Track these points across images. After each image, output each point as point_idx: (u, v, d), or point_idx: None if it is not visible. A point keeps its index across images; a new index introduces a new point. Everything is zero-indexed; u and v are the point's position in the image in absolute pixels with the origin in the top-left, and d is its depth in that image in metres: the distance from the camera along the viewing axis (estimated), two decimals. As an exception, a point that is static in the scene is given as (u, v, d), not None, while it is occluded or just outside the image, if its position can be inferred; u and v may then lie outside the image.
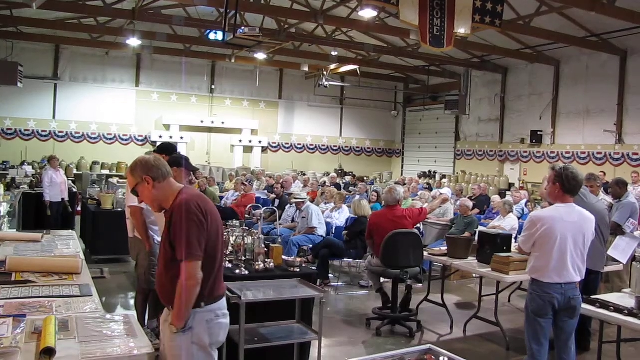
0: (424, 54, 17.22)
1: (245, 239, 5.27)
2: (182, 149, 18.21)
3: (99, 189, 11.83)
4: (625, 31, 13.70)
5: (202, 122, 20.65)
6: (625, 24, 12.98)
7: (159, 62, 20.23)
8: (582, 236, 4.28)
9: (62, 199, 11.55)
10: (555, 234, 4.21)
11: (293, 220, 10.39)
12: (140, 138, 20.00)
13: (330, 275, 9.08)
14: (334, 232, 9.64)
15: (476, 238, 7.24)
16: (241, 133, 21.44)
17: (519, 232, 8.31)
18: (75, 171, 18.02)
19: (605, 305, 4.66)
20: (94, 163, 18.44)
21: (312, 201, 10.97)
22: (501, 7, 10.41)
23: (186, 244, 3.02)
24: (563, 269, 4.22)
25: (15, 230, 8.73)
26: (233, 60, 19.24)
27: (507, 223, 9.65)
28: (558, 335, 4.36)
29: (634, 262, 6.19)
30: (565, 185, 4.30)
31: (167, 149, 5.81)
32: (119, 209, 9.42)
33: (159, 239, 5.23)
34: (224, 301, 3.28)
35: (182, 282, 3.04)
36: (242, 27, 10.47)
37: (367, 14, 12.54)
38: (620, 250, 6.70)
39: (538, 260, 4.31)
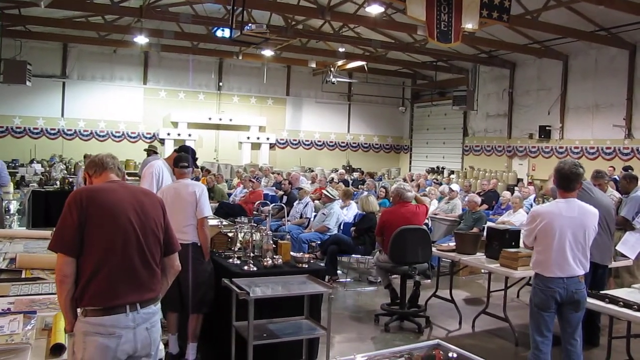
0: (432, 50, 17.18)
1: (254, 235, 5.28)
2: (190, 146, 18.22)
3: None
4: (635, 25, 13.61)
5: (210, 119, 20.71)
6: (635, 18, 12.90)
7: (167, 59, 20.28)
8: (583, 231, 4.30)
9: None
10: (554, 229, 4.25)
11: (301, 217, 10.40)
12: (148, 135, 20.08)
13: (338, 272, 9.08)
14: (342, 228, 9.64)
15: (484, 233, 7.22)
16: (249, 130, 21.48)
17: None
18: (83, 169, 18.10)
19: (614, 300, 4.65)
20: (103, 161, 18.48)
21: (319, 199, 10.98)
22: (509, 1, 10.36)
23: (54, 234, 2.84)
24: (564, 263, 4.26)
25: (24, 228, 8.80)
26: (240, 57, 19.26)
27: (516, 218, 9.60)
28: (564, 328, 4.40)
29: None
30: (555, 181, 4.38)
31: (184, 150, 5.88)
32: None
33: None
34: (114, 318, 2.78)
35: None
36: (249, 24, 10.44)
37: (374, 9, 12.51)
38: (629, 245, 6.66)
39: (540, 254, 4.38)
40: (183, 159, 5.29)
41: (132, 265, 2.88)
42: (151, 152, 10.60)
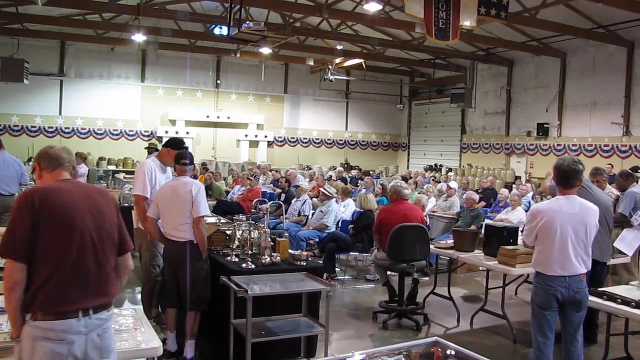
0: (430, 47, 17.17)
1: (252, 233, 5.28)
2: (188, 144, 18.22)
3: (105, 185, 11.89)
4: (633, 22, 13.62)
5: (207, 117, 20.68)
6: (633, 15, 12.91)
7: (164, 57, 20.25)
8: (584, 227, 4.27)
9: None
10: (555, 226, 4.22)
11: (299, 214, 10.40)
12: (146, 133, 20.05)
13: (336, 269, 9.09)
14: (340, 225, 9.64)
15: (482, 231, 7.23)
16: (247, 128, 21.46)
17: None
18: (81, 167, 18.07)
19: (612, 297, 4.65)
20: (100, 159, 18.49)
21: (317, 197, 10.98)
22: (507, -1, 10.38)
23: (3, 238, 2.67)
24: (566, 261, 4.22)
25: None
26: (238, 55, 19.22)
27: (514, 216, 9.62)
28: (565, 327, 4.37)
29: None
30: (555, 178, 4.38)
31: (175, 144, 5.84)
32: (126, 204, 9.44)
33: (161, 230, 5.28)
34: (66, 323, 2.66)
35: None
36: (247, 22, 10.44)
37: (372, 7, 12.50)
38: (626, 242, 6.67)
39: (540, 253, 4.33)
40: (184, 155, 5.25)
41: (86, 270, 2.75)
42: (152, 149, 10.60)
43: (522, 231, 7.19)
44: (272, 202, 11.00)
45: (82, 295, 2.71)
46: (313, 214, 10.12)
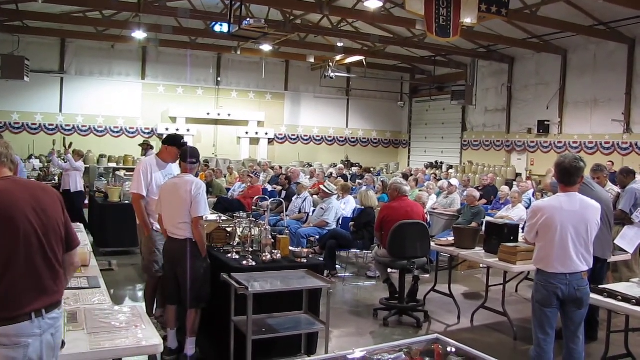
0: (430, 44, 17.14)
1: (252, 230, 5.28)
2: (188, 142, 18.22)
3: (106, 182, 11.88)
4: (634, 19, 13.59)
5: (208, 114, 20.66)
6: (634, 12, 12.89)
7: (165, 54, 20.23)
8: (585, 225, 4.26)
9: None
10: (555, 224, 4.22)
11: (300, 212, 10.40)
12: (146, 131, 20.04)
13: (337, 266, 9.10)
14: (340, 223, 9.64)
15: (483, 228, 7.23)
16: (247, 125, 21.44)
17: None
18: (82, 164, 18.07)
19: (613, 294, 4.65)
20: (101, 156, 18.49)
21: (317, 194, 10.99)
22: (508, -4, 10.38)
23: None
24: (566, 259, 4.22)
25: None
26: (239, 52, 19.21)
27: (515, 213, 9.62)
28: (566, 325, 4.37)
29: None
30: (556, 175, 4.38)
31: (172, 141, 5.86)
32: (126, 202, 9.47)
33: (158, 226, 5.29)
34: (19, 327, 2.54)
35: None
36: (248, 19, 10.44)
37: (373, 4, 12.48)
38: (627, 239, 6.68)
39: (541, 250, 4.34)
40: (192, 154, 5.23)
41: (36, 271, 2.64)
42: (149, 148, 10.61)
43: (522, 228, 7.23)
44: (272, 199, 11.01)
45: (33, 297, 2.61)
46: (314, 211, 10.12)
